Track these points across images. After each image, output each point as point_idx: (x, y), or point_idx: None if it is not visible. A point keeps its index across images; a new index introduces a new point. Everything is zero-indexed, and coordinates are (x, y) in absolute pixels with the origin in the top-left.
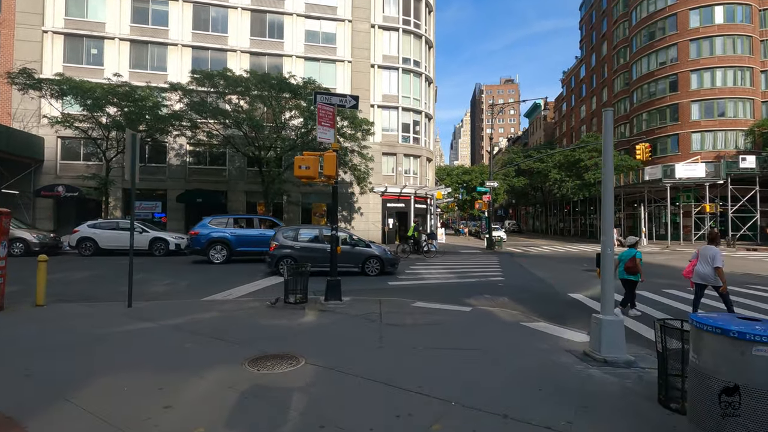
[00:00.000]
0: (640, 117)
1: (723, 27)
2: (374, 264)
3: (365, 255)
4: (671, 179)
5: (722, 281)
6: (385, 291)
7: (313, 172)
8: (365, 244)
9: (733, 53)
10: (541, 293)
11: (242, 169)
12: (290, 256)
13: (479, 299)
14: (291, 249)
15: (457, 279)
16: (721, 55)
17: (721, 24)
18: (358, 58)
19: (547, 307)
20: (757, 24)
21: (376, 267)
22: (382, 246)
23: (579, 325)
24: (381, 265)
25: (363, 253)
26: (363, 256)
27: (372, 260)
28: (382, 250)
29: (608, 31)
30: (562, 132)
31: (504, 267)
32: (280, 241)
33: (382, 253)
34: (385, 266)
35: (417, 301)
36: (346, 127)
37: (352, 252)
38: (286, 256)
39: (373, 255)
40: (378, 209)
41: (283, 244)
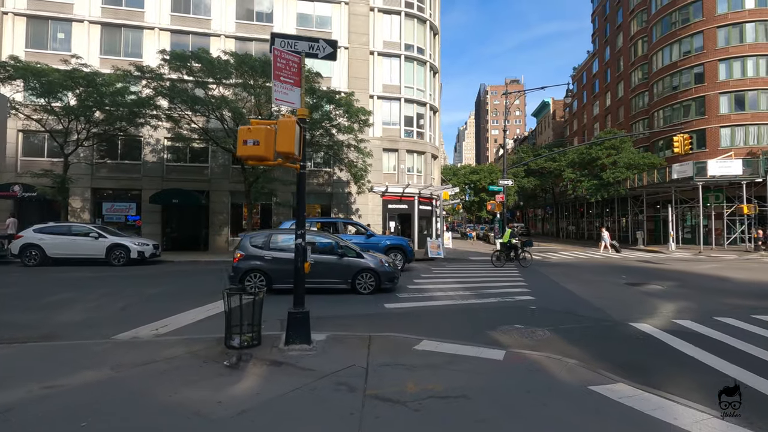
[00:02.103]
0: (661, 112)
1: (754, 12)
2: (367, 279)
3: (356, 268)
4: (703, 177)
5: None
6: (379, 318)
7: (265, 151)
8: (356, 253)
9: (765, 40)
10: (593, 322)
11: (226, 166)
12: (260, 270)
13: (510, 333)
14: (261, 260)
15: (474, 297)
16: (753, 42)
17: (752, 9)
18: (355, 44)
19: (613, 348)
20: None
21: (369, 283)
22: (378, 256)
23: (690, 390)
24: (376, 281)
25: (353, 265)
26: (353, 270)
27: (365, 274)
28: (377, 262)
29: (624, 22)
30: (572, 131)
31: (528, 279)
32: (247, 249)
33: (377, 265)
34: (382, 282)
35: (424, 339)
36: (340, 116)
37: (338, 264)
38: (253, 270)
39: (367, 268)
40: (378, 211)
41: (251, 254)
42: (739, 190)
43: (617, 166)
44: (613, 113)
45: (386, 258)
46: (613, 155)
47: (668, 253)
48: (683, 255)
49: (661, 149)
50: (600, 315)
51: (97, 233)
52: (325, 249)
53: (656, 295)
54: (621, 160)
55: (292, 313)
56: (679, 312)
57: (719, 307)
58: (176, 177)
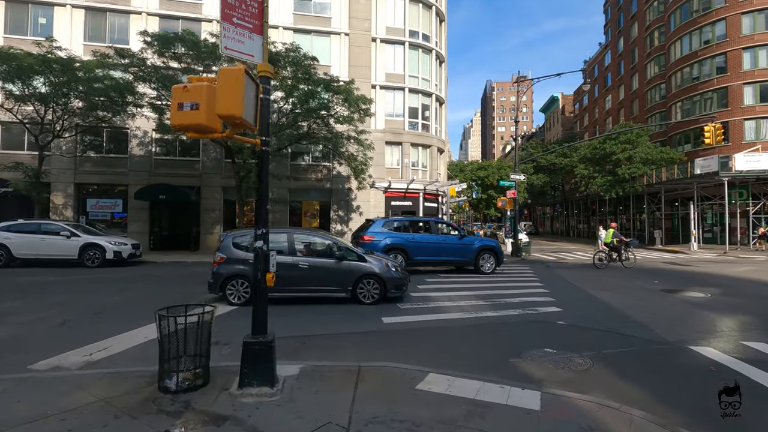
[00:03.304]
0: (679, 104)
1: None
2: (371, 287)
3: (357, 273)
4: (728, 173)
5: None
6: (375, 338)
7: (208, 117)
8: (357, 256)
9: None
10: (642, 344)
11: (218, 160)
12: (244, 276)
13: (541, 361)
14: (245, 265)
15: (489, 309)
16: None
17: None
18: (356, 29)
19: (683, 387)
20: None
21: (373, 291)
22: (383, 259)
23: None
24: (381, 288)
25: (354, 270)
26: (354, 275)
27: (368, 281)
28: (382, 266)
29: (639, 11)
30: (583, 126)
31: (549, 285)
32: (229, 251)
33: (382, 269)
34: (388, 289)
35: (430, 372)
36: (338, 104)
37: (337, 269)
38: (237, 276)
39: (370, 273)
40: (380, 208)
41: (234, 257)
42: (767, 186)
43: (633, 161)
44: (626, 107)
45: (393, 261)
46: (629, 150)
47: (691, 254)
48: (709, 256)
49: (679, 143)
50: (647, 334)
51: (69, 232)
52: (320, 251)
53: (703, 306)
54: (637, 155)
55: (248, 343)
56: (744, 331)
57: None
58: (165, 172)
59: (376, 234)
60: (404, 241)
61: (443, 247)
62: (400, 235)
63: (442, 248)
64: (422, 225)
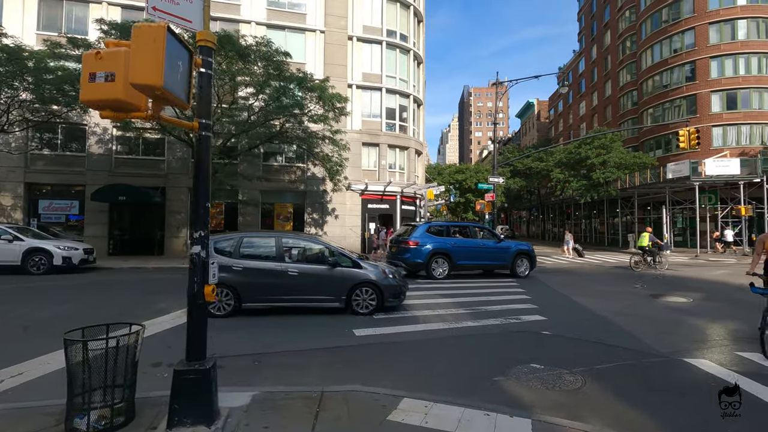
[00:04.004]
0: (650, 110)
1: (746, 8)
2: (366, 295)
3: (352, 281)
4: (699, 177)
5: None
6: (345, 354)
7: (126, 92)
8: (352, 262)
9: (758, 38)
10: (634, 357)
11: (185, 160)
12: (226, 285)
13: (528, 379)
14: (228, 272)
15: (470, 318)
16: (745, 39)
17: (744, 5)
18: (332, 27)
19: (686, 408)
20: None
21: (369, 300)
22: (379, 265)
23: None
24: (378, 297)
25: (348, 277)
26: (348, 283)
27: (363, 289)
28: (378, 272)
29: (612, 20)
30: (558, 131)
31: (530, 291)
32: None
33: (379, 277)
34: (385, 298)
35: (404, 397)
36: (311, 101)
37: (329, 277)
38: (218, 284)
39: (366, 281)
40: (357, 211)
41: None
42: (734, 190)
43: (607, 166)
44: (600, 113)
45: (390, 268)
46: (603, 155)
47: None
48: (682, 259)
49: (651, 148)
50: (638, 345)
51: (11, 235)
52: (311, 257)
53: (688, 312)
54: (611, 159)
55: (180, 372)
56: (735, 339)
57: None
58: (127, 171)
59: (420, 239)
60: (449, 246)
61: (483, 252)
62: (443, 239)
63: (482, 253)
64: (461, 230)
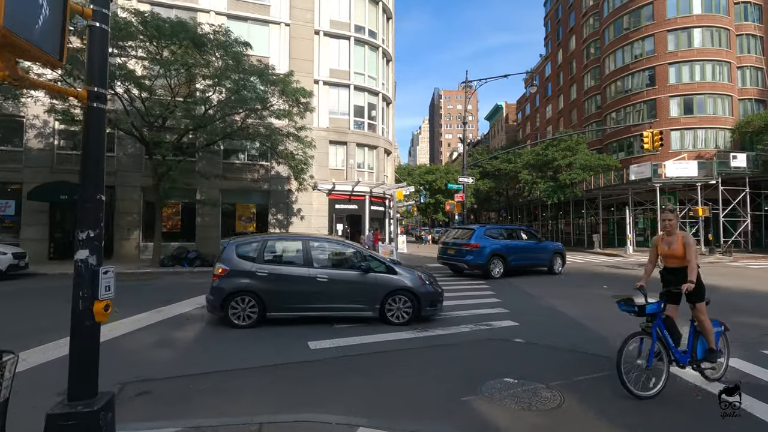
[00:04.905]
0: (613, 114)
1: (701, 18)
2: (401, 304)
3: (386, 288)
4: (659, 179)
5: None
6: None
7: None
8: (386, 267)
9: (712, 46)
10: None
11: (137, 156)
12: (250, 292)
13: (501, 397)
14: (251, 278)
15: (439, 326)
16: (700, 47)
17: (700, 14)
18: (298, 20)
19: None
20: (733, 17)
21: (405, 309)
22: (415, 270)
23: None
24: (414, 306)
25: (382, 283)
26: (382, 290)
27: (398, 297)
28: (414, 278)
29: (577, 25)
30: (525, 134)
31: (500, 294)
32: (231, 262)
33: (416, 283)
34: (422, 306)
35: (360, 426)
36: (272, 95)
37: (362, 283)
38: (241, 292)
39: (402, 287)
40: (324, 211)
41: (237, 269)
42: (692, 192)
43: (573, 167)
44: (565, 116)
45: (426, 273)
46: (569, 157)
47: (627, 257)
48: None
49: (614, 151)
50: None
51: None
52: (341, 261)
53: None
54: (577, 161)
55: (55, 417)
56: None
57: (747, 332)
58: (71, 168)
59: (481, 241)
60: (503, 248)
61: (529, 252)
62: (499, 242)
63: (529, 253)
64: (509, 232)
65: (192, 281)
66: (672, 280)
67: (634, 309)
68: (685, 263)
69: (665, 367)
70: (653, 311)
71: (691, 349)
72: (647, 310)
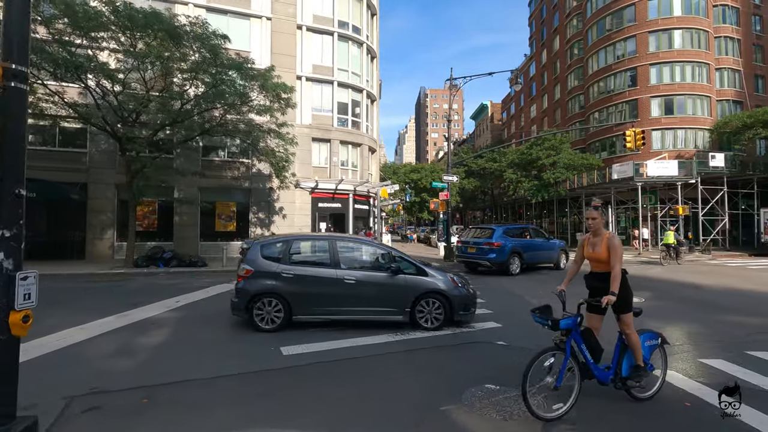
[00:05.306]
0: (596, 114)
1: (682, 19)
2: (433, 307)
3: (417, 290)
4: (641, 178)
5: None
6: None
7: None
8: (416, 268)
9: (691, 48)
10: None
11: (111, 153)
12: (275, 294)
13: (483, 407)
14: (276, 279)
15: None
16: (680, 49)
17: (680, 16)
18: (279, 14)
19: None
20: (711, 19)
21: (436, 313)
22: (447, 273)
23: None
24: (446, 310)
25: (413, 285)
26: (413, 293)
27: (430, 300)
28: (447, 281)
29: (560, 25)
30: (510, 133)
31: (484, 293)
32: (256, 263)
33: (448, 285)
34: (455, 311)
35: None
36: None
37: (391, 285)
38: (266, 294)
39: (433, 290)
40: (307, 210)
41: (263, 270)
42: (672, 191)
43: (557, 166)
44: (549, 116)
45: (458, 276)
46: (553, 156)
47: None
48: (626, 257)
49: (596, 150)
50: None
51: None
52: (369, 262)
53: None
54: (561, 160)
55: None
56: (694, 344)
57: (732, 331)
58: (40, 165)
59: (502, 240)
60: (520, 246)
61: (541, 250)
62: (516, 240)
63: (541, 251)
64: (522, 231)
65: (166, 282)
66: (597, 287)
67: (547, 323)
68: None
69: (576, 385)
70: (567, 327)
71: (615, 365)
72: (561, 325)
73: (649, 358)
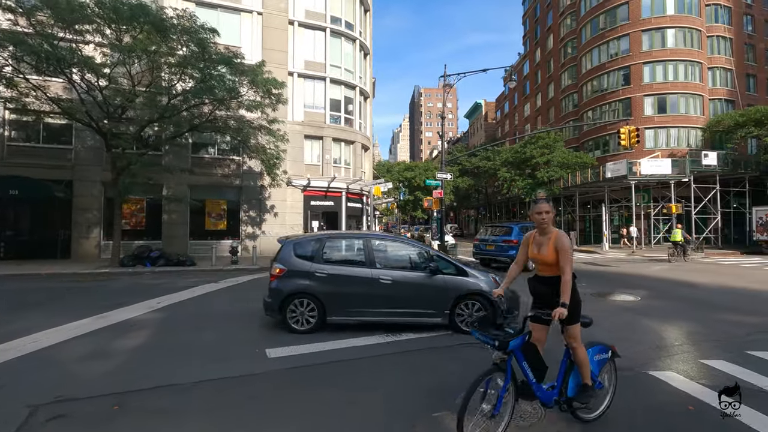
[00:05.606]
0: (590, 112)
1: (675, 18)
2: (474, 310)
3: (456, 291)
4: (635, 176)
5: None
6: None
7: None
8: (456, 268)
9: (684, 46)
10: None
11: (97, 149)
12: (309, 294)
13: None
14: (310, 279)
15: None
16: (673, 47)
17: (673, 15)
18: (271, 9)
19: None
20: (704, 18)
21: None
22: (489, 273)
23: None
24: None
25: (452, 286)
26: (452, 294)
27: (470, 302)
28: (490, 281)
29: (554, 24)
30: (504, 132)
31: None
32: (290, 262)
33: (491, 286)
34: (497, 314)
35: None
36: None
37: (429, 286)
38: (299, 294)
39: (475, 291)
40: (299, 208)
41: (296, 269)
42: (665, 189)
43: (551, 165)
44: (543, 114)
45: (500, 276)
46: (547, 154)
47: (604, 253)
48: (620, 255)
49: (590, 149)
50: None
51: None
52: (406, 262)
53: (638, 311)
54: (554, 159)
55: None
56: (694, 343)
57: (731, 330)
58: (23, 162)
59: (519, 237)
60: None
61: None
62: None
63: None
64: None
65: (151, 282)
66: (542, 292)
67: (494, 342)
68: (559, 272)
69: (510, 404)
70: (516, 347)
71: (560, 383)
72: (510, 346)
73: (597, 375)
